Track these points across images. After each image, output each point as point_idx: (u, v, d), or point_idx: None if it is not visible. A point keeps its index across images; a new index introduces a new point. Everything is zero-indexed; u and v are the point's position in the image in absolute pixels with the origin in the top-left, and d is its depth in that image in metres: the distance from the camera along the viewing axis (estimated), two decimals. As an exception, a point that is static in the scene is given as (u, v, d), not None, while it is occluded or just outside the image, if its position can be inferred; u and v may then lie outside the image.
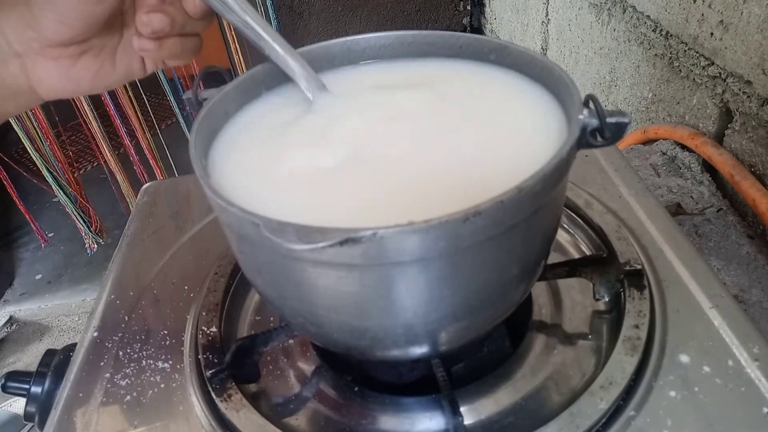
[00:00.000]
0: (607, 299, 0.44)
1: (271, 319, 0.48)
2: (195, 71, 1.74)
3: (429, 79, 0.41)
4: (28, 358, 1.52)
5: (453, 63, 0.41)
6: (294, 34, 1.76)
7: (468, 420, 0.37)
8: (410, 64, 0.42)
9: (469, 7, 1.84)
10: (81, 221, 1.65)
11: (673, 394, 0.36)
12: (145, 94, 1.61)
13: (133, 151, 1.64)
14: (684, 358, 0.38)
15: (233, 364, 0.40)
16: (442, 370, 0.38)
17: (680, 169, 0.73)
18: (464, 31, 1.87)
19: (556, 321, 0.44)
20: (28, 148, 1.51)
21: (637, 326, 0.39)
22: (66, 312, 1.64)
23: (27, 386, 0.47)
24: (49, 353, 0.49)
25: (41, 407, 0.46)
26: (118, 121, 1.58)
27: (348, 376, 0.42)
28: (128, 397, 0.41)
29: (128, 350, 0.45)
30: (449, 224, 0.26)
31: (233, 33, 1.58)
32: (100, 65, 0.39)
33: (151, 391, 0.42)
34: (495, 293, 0.33)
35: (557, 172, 0.29)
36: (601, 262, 0.45)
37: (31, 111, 1.46)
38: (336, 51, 0.43)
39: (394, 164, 0.34)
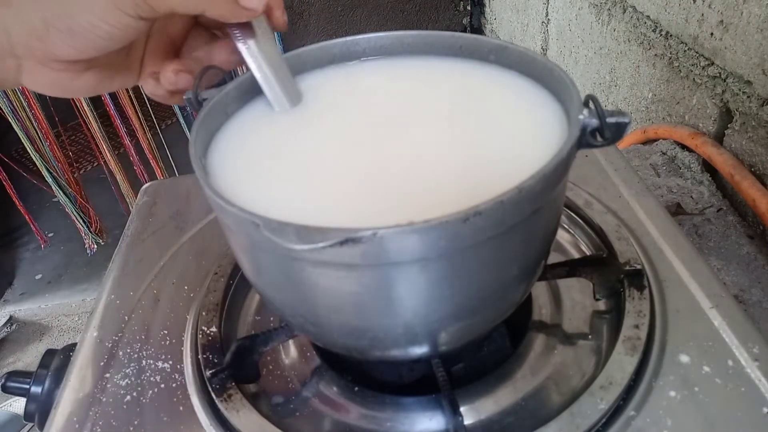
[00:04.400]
0: (607, 299, 0.44)
1: (271, 319, 0.48)
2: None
3: (429, 78, 0.41)
4: (28, 358, 1.52)
5: (453, 62, 0.41)
6: (294, 34, 1.76)
7: (468, 420, 0.37)
8: (410, 63, 0.42)
9: (469, 7, 1.84)
10: (81, 222, 1.65)
11: (673, 394, 0.36)
12: (145, 94, 1.61)
13: (133, 151, 1.64)
14: (684, 358, 0.38)
15: (233, 364, 0.40)
16: (442, 370, 0.38)
17: (680, 169, 0.73)
18: (464, 31, 1.87)
19: (556, 321, 0.44)
20: (28, 149, 1.51)
21: (637, 326, 0.39)
22: (66, 312, 1.64)
23: (27, 386, 0.47)
24: (49, 353, 0.49)
25: (41, 407, 0.46)
26: (118, 121, 1.58)
27: (348, 376, 0.42)
28: (128, 397, 0.41)
29: (128, 350, 0.45)
30: (449, 224, 0.26)
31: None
32: (100, 80, 0.38)
33: (151, 391, 0.42)
34: (495, 293, 0.33)
35: (557, 172, 0.29)
36: (601, 262, 0.45)
37: (31, 111, 1.46)
38: (336, 51, 0.42)
39: (395, 163, 0.34)
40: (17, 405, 1.31)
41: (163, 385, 0.42)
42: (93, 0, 0.32)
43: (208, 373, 0.40)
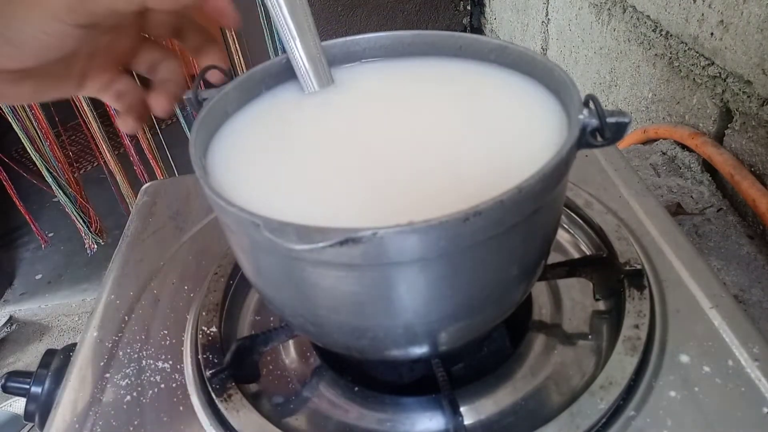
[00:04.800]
0: (607, 299, 0.44)
1: (271, 319, 0.48)
2: (195, 71, 1.74)
3: (429, 78, 0.41)
4: (28, 358, 1.52)
5: (453, 62, 0.41)
6: (294, 34, 1.76)
7: (468, 420, 0.37)
8: (410, 63, 0.42)
9: (469, 7, 1.84)
10: (81, 222, 1.65)
11: (673, 394, 0.36)
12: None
13: (133, 151, 1.64)
14: (684, 358, 0.38)
15: (233, 364, 0.40)
16: (442, 370, 0.38)
17: (680, 169, 0.73)
18: (464, 31, 1.87)
19: (556, 321, 0.44)
20: (28, 149, 1.51)
21: (637, 326, 0.39)
22: (66, 312, 1.64)
23: (27, 386, 0.47)
24: (49, 353, 0.49)
25: (41, 407, 0.46)
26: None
27: (348, 376, 0.42)
28: (128, 397, 0.41)
29: (128, 350, 0.45)
30: (449, 224, 0.26)
31: (233, 33, 1.58)
32: (37, 90, 0.37)
33: (151, 391, 0.42)
34: (495, 293, 0.33)
35: (557, 172, 0.29)
36: (601, 262, 0.45)
37: (30, 111, 1.46)
38: (336, 51, 0.42)
39: (395, 164, 0.34)
40: (17, 405, 1.31)
41: (163, 385, 0.42)
42: (30, 10, 0.32)
43: (208, 373, 0.40)
